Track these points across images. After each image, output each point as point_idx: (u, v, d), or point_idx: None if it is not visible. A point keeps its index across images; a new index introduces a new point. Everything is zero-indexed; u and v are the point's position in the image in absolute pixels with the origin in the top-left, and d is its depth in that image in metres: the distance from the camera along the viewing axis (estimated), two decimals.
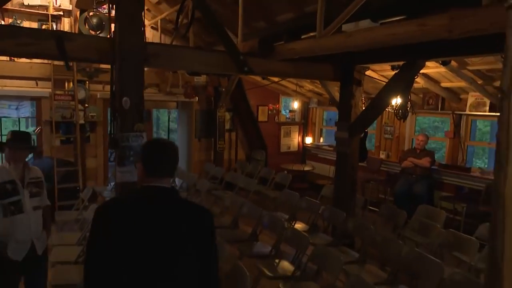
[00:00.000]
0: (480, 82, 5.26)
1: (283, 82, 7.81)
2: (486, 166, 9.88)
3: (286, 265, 3.77)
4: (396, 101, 5.13)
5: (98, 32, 5.84)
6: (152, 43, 5.15)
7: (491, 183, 4.91)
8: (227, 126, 8.06)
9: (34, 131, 6.53)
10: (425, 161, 6.15)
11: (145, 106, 3.26)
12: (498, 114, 1.18)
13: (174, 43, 5.60)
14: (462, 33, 2.40)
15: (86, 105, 6.39)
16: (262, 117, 8.64)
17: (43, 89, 6.12)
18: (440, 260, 3.57)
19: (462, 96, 6.11)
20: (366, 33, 3.14)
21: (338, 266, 3.32)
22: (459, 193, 6.12)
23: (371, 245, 3.98)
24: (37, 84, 6.10)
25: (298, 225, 4.92)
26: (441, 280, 3.07)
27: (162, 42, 6.56)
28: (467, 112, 5.95)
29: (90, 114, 6.46)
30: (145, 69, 3.44)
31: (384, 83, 4.74)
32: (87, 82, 6.36)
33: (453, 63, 4.74)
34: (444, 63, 4.29)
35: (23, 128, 9.31)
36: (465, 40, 2.63)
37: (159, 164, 1.66)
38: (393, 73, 4.49)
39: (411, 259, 3.41)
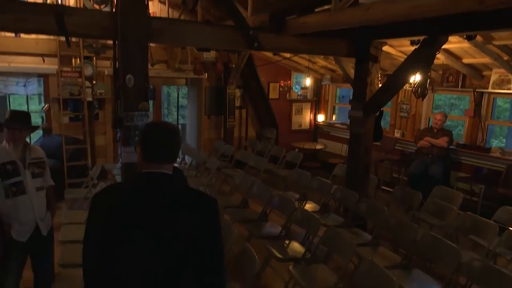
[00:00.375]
0: (506, 58, 4.96)
1: (295, 58, 7.56)
2: (503, 145, 9.58)
3: (296, 247, 3.71)
4: (415, 78, 4.88)
5: (102, 6, 5.64)
6: (156, 17, 4.95)
7: None
8: (237, 103, 7.92)
9: (42, 108, 6.48)
10: (442, 141, 5.93)
11: (154, 83, 3.13)
12: None
13: (182, 17, 5.39)
14: (495, 3, 2.15)
15: (94, 82, 6.28)
16: (273, 94, 8.45)
17: (50, 65, 6.01)
18: (456, 243, 3.46)
19: (484, 73, 5.81)
20: (386, 6, 2.90)
21: (350, 249, 3.24)
22: (477, 174, 5.93)
23: (385, 229, 3.88)
24: (43, 61, 5.98)
25: (309, 205, 4.83)
26: (459, 265, 2.96)
27: (170, 16, 6.34)
28: (490, 90, 5.67)
29: (98, 91, 6.36)
30: (153, 45, 3.28)
31: (403, 60, 4.50)
32: (94, 58, 6.23)
33: (478, 37, 4.44)
34: (469, 38, 3.98)
35: (35, 105, 9.30)
36: (495, 11, 2.38)
37: (158, 150, 1.54)
38: (412, 48, 4.22)
39: (426, 244, 3.30)
